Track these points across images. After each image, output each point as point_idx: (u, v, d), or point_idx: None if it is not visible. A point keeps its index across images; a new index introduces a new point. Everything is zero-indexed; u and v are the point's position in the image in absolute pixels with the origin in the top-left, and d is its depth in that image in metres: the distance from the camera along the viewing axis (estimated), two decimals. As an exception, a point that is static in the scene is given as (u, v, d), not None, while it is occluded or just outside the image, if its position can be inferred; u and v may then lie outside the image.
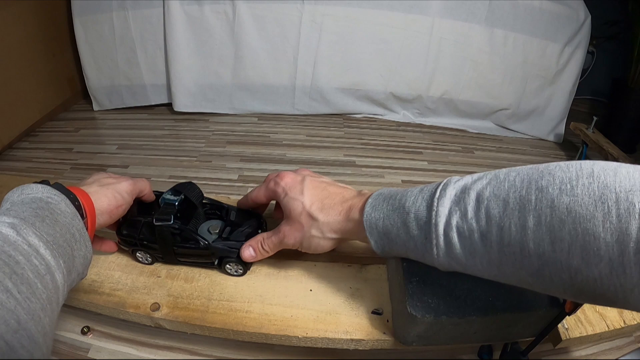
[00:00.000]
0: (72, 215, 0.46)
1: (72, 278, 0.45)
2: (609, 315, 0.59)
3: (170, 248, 0.62)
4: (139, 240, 0.62)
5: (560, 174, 0.36)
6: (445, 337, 0.52)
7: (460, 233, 0.41)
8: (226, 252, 0.62)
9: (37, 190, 0.46)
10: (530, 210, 0.36)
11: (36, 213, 0.43)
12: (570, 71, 2.50)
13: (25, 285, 0.35)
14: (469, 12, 2.32)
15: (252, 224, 0.66)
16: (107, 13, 2.24)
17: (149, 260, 0.65)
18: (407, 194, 0.48)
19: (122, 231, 0.64)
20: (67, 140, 2.23)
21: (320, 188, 0.58)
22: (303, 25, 2.30)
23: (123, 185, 0.59)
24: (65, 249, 0.43)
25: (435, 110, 2.62)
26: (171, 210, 0.60)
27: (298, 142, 2.30)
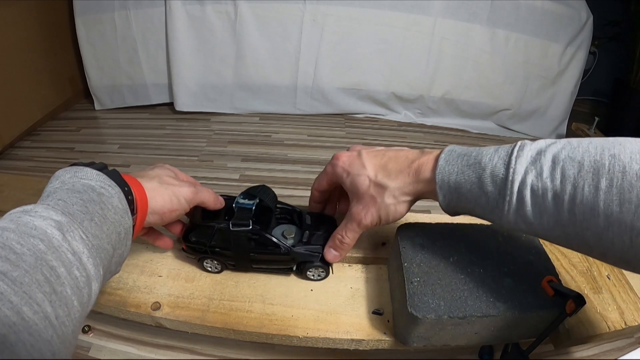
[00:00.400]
0: (122, 212, 0.45)
1: (105, 279, 0.43)
2: (610, 317, 0.59)
3: (247, 255, 0.60)
4: (210, 247, 0.60)
5: (630, 146, 0.39)
6: (445, 337, 0.52)
7: (534, 191, 0.42)
8: (308, 256, 0.61)
9: (92, 176, 0.44)
10: (603, 174, 0.38)
11: (86, 208, 0.41)
12: (572, 72, 2.49)
13: (62, 307, 0.34)
14: (470, 12, 2.32)
15: (328, 227, 0.65)
16: (109, 12, 2.24)
17: (217, 268, 0.63)
18: (482, 152, 0.48)
19: (190, 238, 0.62)
20: (68, 139, 2.23)
21: (380, 156, 0.57)
22: (305, 25, 2.30)
23: (184, 191, 0.56)
24: (107, 251, 0.42)
25: (436, 111, 2.62)
26: (248, 215, 0.59)
27: (299, 142, 2.30)
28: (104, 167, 0.47)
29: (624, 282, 0.64)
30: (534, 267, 0.54)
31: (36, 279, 0.32)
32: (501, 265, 0.54)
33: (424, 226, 0.60)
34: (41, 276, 0.33)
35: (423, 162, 0.53)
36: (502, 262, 0.54)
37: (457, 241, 0.57)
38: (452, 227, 0.60)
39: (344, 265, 0.67)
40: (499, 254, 0.56)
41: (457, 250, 0.56)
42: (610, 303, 0.60)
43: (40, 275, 0.33)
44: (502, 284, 0.51)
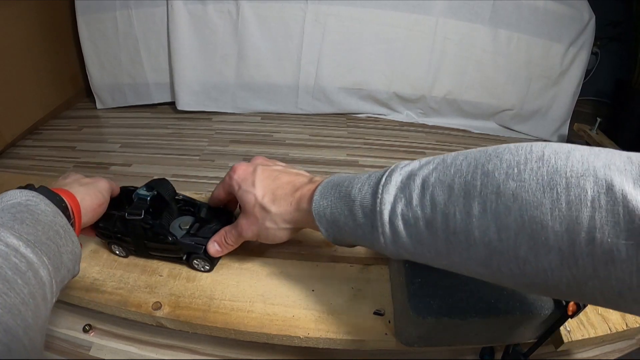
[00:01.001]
0: (53, 213, 0.46)
1: (62, 274, 0.45)
2: (611, 318, 0.58)
3: (142, 242, 0.63)
4: (114, 233, 0.64)
5: (508, 157, 0.34)
6: (447, 338, 0.52)
7: (406, 221, 0.39)
8: (192, 247, 0.62)
9: (16, 195, 0.46)
10: (475, 197, 0.34)
11: (15, 217, 0.43)
12: (574, 72, 2.49)
13: (2, 282, 0.35)
14: (472, 12, 2.32)
15: (221, 220, 0.67)
16: (110, 12, 2.25)
17: (124, 253, 0.67)
18: (354, 181, 0.46)
19: (98, 224, 0.64)
20: (70, 138, 2.23)
21: (272, 178, 0.57)
22: (306, 24, 2.30)
23: (102, 184, 0.60)
24: (49, 246, 0.43)
25: (438, 111, 2.61)
26: (143, 205, 0.62)
27: (301, 142, 2.30)
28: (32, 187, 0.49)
29: (625, 283, 0.63)
30: (536, 268, 0.54)
31: None
32: (503, 266, 0.54)
33: (425, 227, 0.60)
34: None
35: (305, 192, 0.52)
36: (504, 263, 0.54)
37: (458, 242, 0.57)
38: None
39: (345, 266, 0.67)
40: (501, 255, 0.55)
41: (459, 251, 0.55)
42: (612, 304, 0.60)
43: None
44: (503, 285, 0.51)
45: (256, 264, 0.66)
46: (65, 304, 0.65)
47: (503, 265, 0.34)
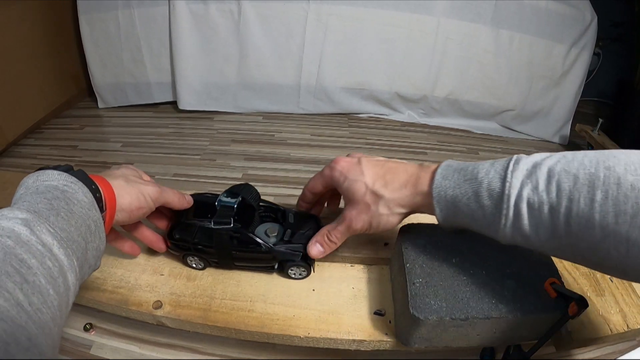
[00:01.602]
0: (89, 205, 0.45)
1: (84, 272, 0.44)
2: (612, 319, 0.58)
3: (229, 252, 0.61)
4: (193, 244, 0.61)
5: (624, 158, 0.39)
6: (447, 339, 0.52)
7: (531, 204, 0.43)
8: (289, 255, 0.61)
9: (54, 177, 0.45)
10: (598, 186, 0.39)
11: (51, 205, 0.41)
12: (576, 73, 2.49)
13: (37, 295, 0.34)
14: (474, 12, 2.31)
15: (311, 226, 0.65)
16: (112, 11, 2.25)
17: (201, 265, 0.64)
18: (478, 167, 0.49)
19: (174, 235, 0.62)
20: (71, 137, 2.23)
21: (379, 165, 0.57)
22: (308, 24, 2.30)
23: (149, 189, 0.57)
24: (79, 243, 0.42)
25: (440, 111, 2.61)
26: (230, 213, 0.59)
27: (303, 141, 2.30)
28: (69, 168, 0.48)
29: (626, 284, 0.64)
30: (537, 269, 0.54)
31: (5, 270, 0.33)
32: (504, 266, 0.54)
33: (426, 227, 0.60)
34: (11, 268, 0.34)
35: (421, 176, 0.53)
36: (505, 264, 0.54)
37: (459, 242, 0.57)
38: (454, 228, 0.60)
39: (345, 266, 0.67)
40: (502, 255, 0.55)
41: (460, 252, 0.55)
42: (612, 306, 0.60)
43: (10, 267, 0.34)
44: (504, 285, 0.51)
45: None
46: (66, 302, 0.65)
47: (613, 248, 0.38)
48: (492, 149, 2.45)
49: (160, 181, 0.48)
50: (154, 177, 0.69)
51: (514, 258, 0.55)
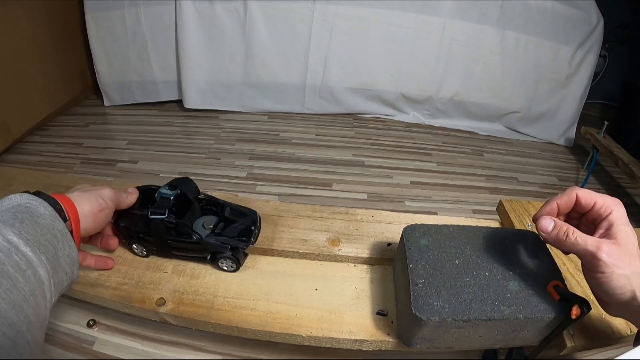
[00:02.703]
0: (51, 217, 0.48)
1: (60, 277, 0.47)
2: (615, 322, 0.58)
3: (165, 241, 0.63)
4: (135, 232, 0.64)
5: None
6: (449, 340, 0.52)
7: None
8: (218, 247, 0.63)
9: (16, 198, 0.48)
10: None
11: (15, 216, 0.45)
12: (582, 75, 2.48)
13: (5, 278, 0.37)
14: (480, 13, 2.31)
15: (246, 220, 0.67)
16: (119, 10, 2.25)
17: (144, 252, 0.67)
18: None
19: (119, 223, 0.65)
20: (77, 134, 2.24)
21: None
22: (314, 24, 2.30)
23: (105, 191, 0.60)
24: (46, 247, 0.45)
25: (445, 112, 2.61)
26: (166, 204, 0.62)
27: (307, 141, 2.30)
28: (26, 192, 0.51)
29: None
30: (540, 271, 0.54)
31: None
32: (507, 268, 0.54)
33: (430, 227, 0.60)
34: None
35: None
36: (508, 266, 0.54)
37: (463, 243, 0.57)
38: (458, 229, 0.60)
39: (349, 265, 0.67)
40: (505, 257, 0.55)
41: (463, 253, 0.55)
42: (616, 309, 0.60)
43: None
44: (507, 287, 0.51)
45: (260, 263, 0.67)
46: (70, 298, 0.65)
47: None
48: (497, 151, 2.45)
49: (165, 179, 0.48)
50: (158, 175, 0.69)
51: (517, 260, 0.55)
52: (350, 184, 1.98)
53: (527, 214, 0.78)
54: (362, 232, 0.73)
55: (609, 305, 0.50)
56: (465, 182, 2.09)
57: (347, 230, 0.73)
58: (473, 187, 2.07)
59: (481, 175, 2.17)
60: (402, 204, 1.88)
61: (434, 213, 1.83)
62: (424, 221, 0.63)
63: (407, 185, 2.02)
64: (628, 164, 1.93)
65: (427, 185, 2.04)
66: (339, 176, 2.03)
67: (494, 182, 2.12)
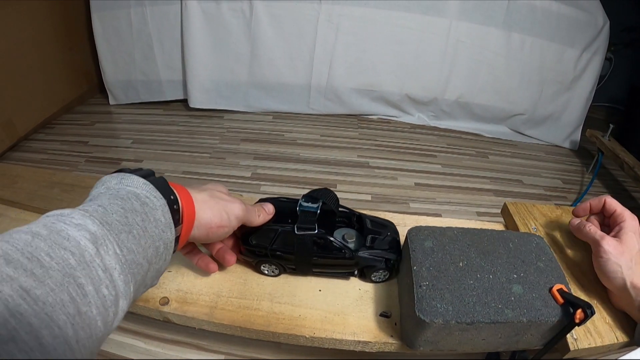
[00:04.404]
0: (164, 226, 0.43)
1: (139, 293, 0.42)
2: (619, 327, 0.58)
3: (309, 259, 0.60)
4: (271, 250, 0.60)
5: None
6: (452, 342, 0.52)
7: None
8: (372, 261, 0.61)
9: (138, 184, 0.43)
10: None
11: (126, 218, 0.39)
12: (587, 77, 2.47)
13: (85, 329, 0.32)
14: (486, 15, 2.31)
15: (390, 232, 0.65)
16: (125, 9, 2.26)
17: (276, 272, 0.63)
18: None
19: (250, 241, 0.61)
20: (82, 133, 2.25)
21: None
22: (319, 24, 2.30)
23: (235, 208, 0.54)
24: (142, 266, 0.40)
25: (450, 114, 2.60)
26: (312, 218, 0.58)
27: (312, 142, 2.31)
28: (151, 173, 0.46)
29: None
30: (544, 275, 0.54)
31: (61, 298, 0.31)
32: (511, 271, 0.54)
33: (434, 230, 0.60)
34: (67, 296, 0.31)
35: None
36: (512, 269, 0.54)
37: (467, 246, 0.57)
38: (462, 231, 0.60)
39: (352, 267, 0.67)
40: (509, 260, 0.55)
41: (467, 255, 0.55)
42: (619, 313, 0.60)
43: (66, 295, 0.31)
44: (511, 290, 0.51)
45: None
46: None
47: None
48: (502, 153, 2.44)
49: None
50: (163, 174, 0.69)
51: (521, 263, 0.55)
52: (354, 185, 1.98)
53: (532, 216, 0.78)
54: (366, 233, 0.73)
55: (610, 293, 0.62)
56: (470, 184, 2.09)
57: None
58: (477, 189, 2.06)
59: (486, 178, 2.17)
60: (406, 205, 1.88)
61: (439, 215, 1.83)
62: (428, 223, 0.63)
63: (411, 186, 2.02)
64: (633, 167, 1.92)
65: (432, 187, 2.04)
66: (344, 177, 2.03)
67: (499, 185, 2.12)
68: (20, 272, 0.30)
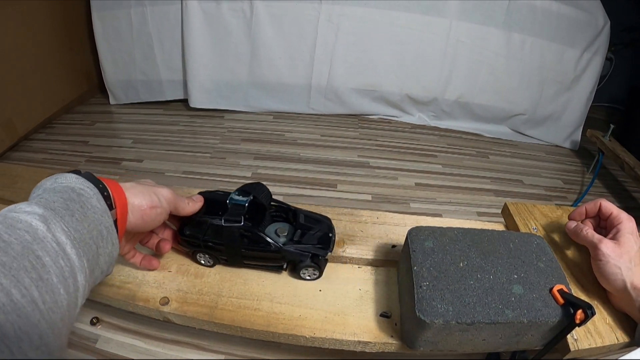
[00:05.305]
0: (102, 211, 0.46)
1: (95, 276, 0.45)
2: (619, 328, 0.58)
3: (238, 250, 0.61)
4: (204, 241, 0.61)
5: None
6: (453, 342, 0.52)
7: None
8: (298, 255, 0.61)
9: (71, 180, 0.46)
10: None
11: (67, 205, 0.42)
12: (588, 77, 2.47)
13: (49, 293, 0.35)
14: (486, 15, 2.30)
15: (322, 227, 0.65)
16: (125, 9, 2.26)
17: (210, 262, 0.64)
18: None
19: (185, 231, 0.62)
20: (82, 133, 2.25)
21: None
22: (320, 24, 2.30)
23: (163, 191, 0.57)
24: (90, 246, 0.43)
25: (450, 114, 2.60)
26: (241, 211, 0.59)
27: (312, 142, 2.30)
28: (78, 172, 0.49)
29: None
30: (545, 275, 0.54)
31: (24, 265, 0.34)
32: (511, 272, 0.53)
33: (434, 230, 0.60)
34: (28, 263, 0.35)
35: None
36: (512, 269, 0.54)
37: (467, 246, 0.57)
38: (463, 232, 0.60)
39: (353, 267, 0.67)
40: (510, 260, 0.55)
41: (467, 256, 0.55)
42: (620, 314, 0.60)
43: (27, 263, 0.35)
44: (511, 291, 0.51)
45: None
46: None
47: None
48: (502, 153, 2.44)
49: (171, 178, 0.46)
50: (164, 174, 0.69)
51: (522, 264, 0.55)
52: (355, 185, 1.98)
53: (532, 217, 0.78)
54: (367, 233, 0.73)
55: (610, 294, 0.61)
56: (470, 185, 2.09)
57: (352, 232, 0.73)
58: (478, 189, 2.06)
59: (486, 178, 2.16)
60: (406, 205, 1.88)
61: (439, 215, 1.83)
62: (429, 223, 0.63)
63: (412, 186, 2.02)
64: (634, 168, 1.92)
65: (432, 187, 2.04)
66: (344, 177, 2.02)
67: (499, 185, 2.12)
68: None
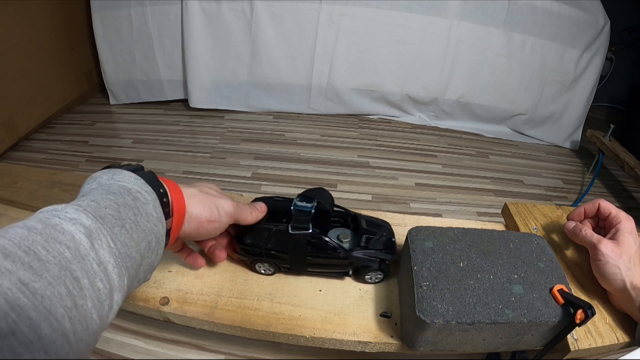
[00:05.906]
0: (156, 220, 0.43)
1: (132, 286, 0.42)
2: (619, 328, 0.58)
3: (303, 258, 0.60)
4: (266, 250, 0.60)
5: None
6: (453, 343, 0.51)
7: None
8: (366, 261, 0.60)
9: (129, 179, 0.43)
10: None
11: (119, 212, 0.39)
12: (588, 77, 2.47)
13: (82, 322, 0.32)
14: (487, 15, 2.30)
15: (385, 232, 0.65)
16: (125, 9, 2.26)
17: (270, 271, 0.63)
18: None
19: (245, 240, 0.61)
20: (83, 132, 2.25)
21: None
22: (320, 24, 2.30)
23: (225, 203, 0.54)
24: (135, 260, 0.40)
25: (451, 114, 2.60)
26: (307, 218, 0.58)
27: (313, 142, 2.31)
28: (140, 168, 0.47)
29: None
30: (545, 275, 0.54)
31: (58, 292, 0.31)
32: (511, 272, 0.53)
33: (434, 230, 0.60)
34: (64, 289, 0.32)
35: None
36: (513, 269, 0.54)
37: (467, 246, 0.57)
38: (463, 232, 0.59)
39: (352, 267, 0.67)
40: (510, 260, 0.55)
41: (468, 256, 0.55)
42: (620, 314, 0.60)
43: (63, 288, 0.32)
44: (511, 291, 0.51)
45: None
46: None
47: None
48: (503, 153, 2.44)
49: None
50: (164, 174, 0.69)
51: (522, 264, 0.55)
52: (355, 185, 1.98)
53: (532, 217, 0.78)
54: (367, 233, 0.73)
55: (610, 294, 0.61)
56: (471, 185, 2.09)
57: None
58: (478, 189, 2.06)
59: (486, 178, 2.16)
60: (406, 205, 1.88)
61: (439, 215, 1.83)
62: (429, 223, 0.63)
63: (412, 186, 2.02)
64: (634, 168, 1.92)
65: (432, 187, 2.04)
66: (344, 177, 2.03)
67: (499, 185, 2.12)
68: (18, 265, 0.30)
